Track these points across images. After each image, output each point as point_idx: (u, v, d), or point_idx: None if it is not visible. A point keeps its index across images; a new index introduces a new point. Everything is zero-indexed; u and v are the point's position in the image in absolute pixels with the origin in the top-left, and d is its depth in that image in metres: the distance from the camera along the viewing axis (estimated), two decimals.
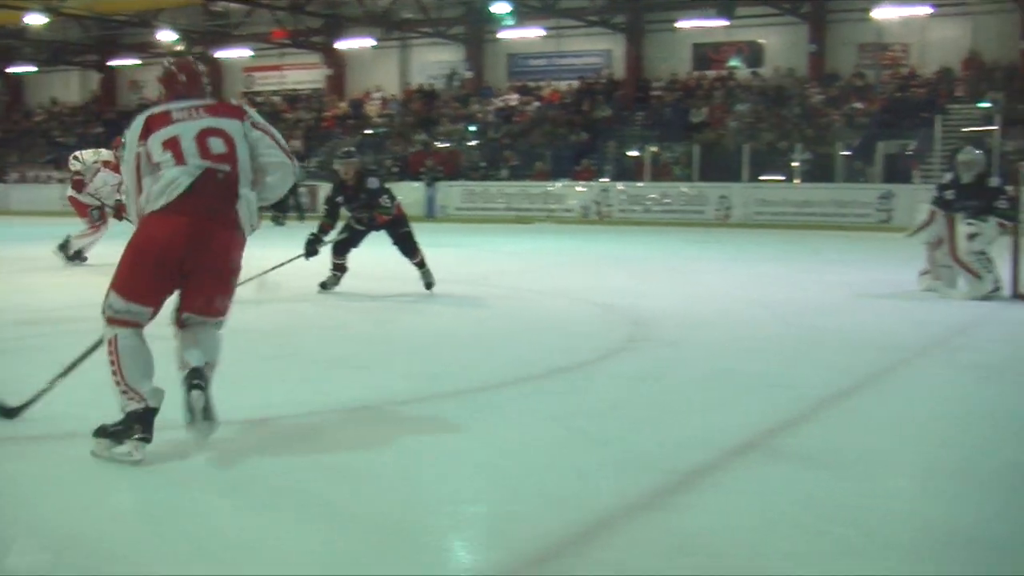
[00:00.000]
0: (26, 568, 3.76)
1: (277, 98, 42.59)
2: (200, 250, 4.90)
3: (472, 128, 36.10)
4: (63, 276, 13.43)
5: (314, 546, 3.86)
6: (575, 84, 36.95)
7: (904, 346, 8.35)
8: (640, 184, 29.64)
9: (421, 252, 11.56)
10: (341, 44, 40.27)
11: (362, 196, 11.24)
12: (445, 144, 35.18)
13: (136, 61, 44.57)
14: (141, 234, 4.98)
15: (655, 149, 31.06)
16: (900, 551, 3.84)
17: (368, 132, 36.36)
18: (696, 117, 32.82)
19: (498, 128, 35.59)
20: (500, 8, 33.14)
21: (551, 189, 30.46)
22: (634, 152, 31.87)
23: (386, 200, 11.28)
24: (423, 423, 5.68)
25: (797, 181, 28.19)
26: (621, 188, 29.42)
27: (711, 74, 35.21)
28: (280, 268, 10.44)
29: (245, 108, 5.32)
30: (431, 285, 11.52)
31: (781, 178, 28.51)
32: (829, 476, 4.70)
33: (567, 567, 3.66)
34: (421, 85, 40.18)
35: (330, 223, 11.35)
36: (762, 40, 35.15)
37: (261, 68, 43.96)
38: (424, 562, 3.76)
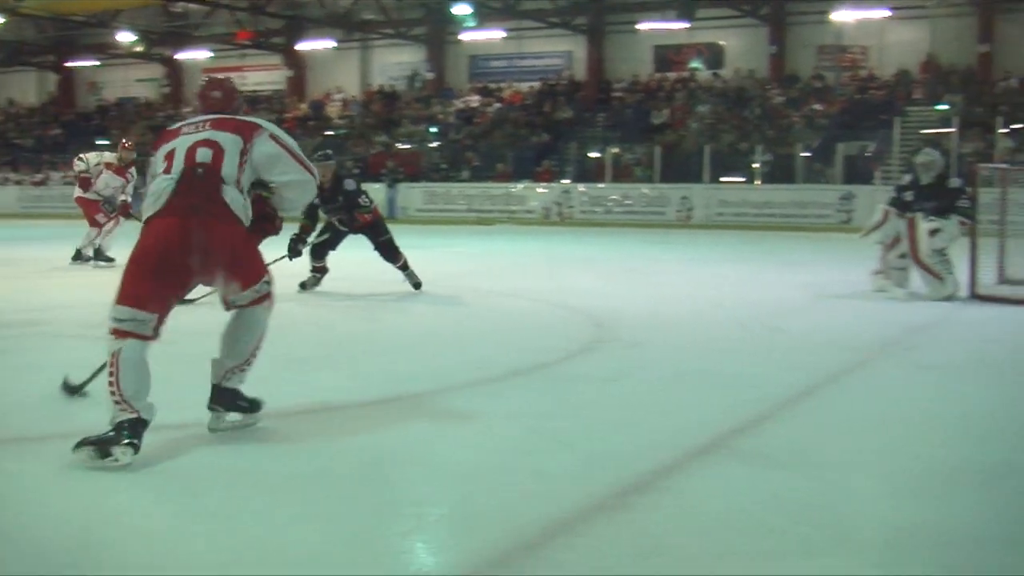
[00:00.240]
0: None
1: None
2: (201, 249, 4.99)
3: (433, 129, 36.07)
4: (33, 279, 13.32)
5: (274, 547, 3.82)
6: (536, 85, 37.02)
7: (864, 346, 8.37)
8: (601, 185, 29.71)
9: (403, 256, 11.61)
10: (302, 45, 40.22)
11: (339, 198, 11.25)
12: (406, 145, 35.14)
13: (95, 62, 44.35)
14: (139, 244, 5.07)
15: (616, 150, 31.14)
16: (863, 550, 3.84)
17: (329, 133, 36.22)
18: (657, 118, 32.93)
19: (459, 129, 35.58)
20: (461, 9, 33.14)
21: (512, 190, 30.48)
22: (595, 153, 31.96)
23: (364, 200, 11.37)
24: (384, 425, 5.63)
25: (758, 182, 28.36)
26: (582, 189, 29.47)
27: (672, 76, 35.38)
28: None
29: (261, 123, 5.31)
30: (419, 285, 11.55)
31: (742, 179, 28.67)
32: (792, 476, 4.70)
33: (531, 568, 3.63)
34: (382, 86, 40.13)
35: (310, 224, 11.33)
36: (722, 42, 35.34)
37: (221, 69, 43.60)
38: (386, 563, 3.72)
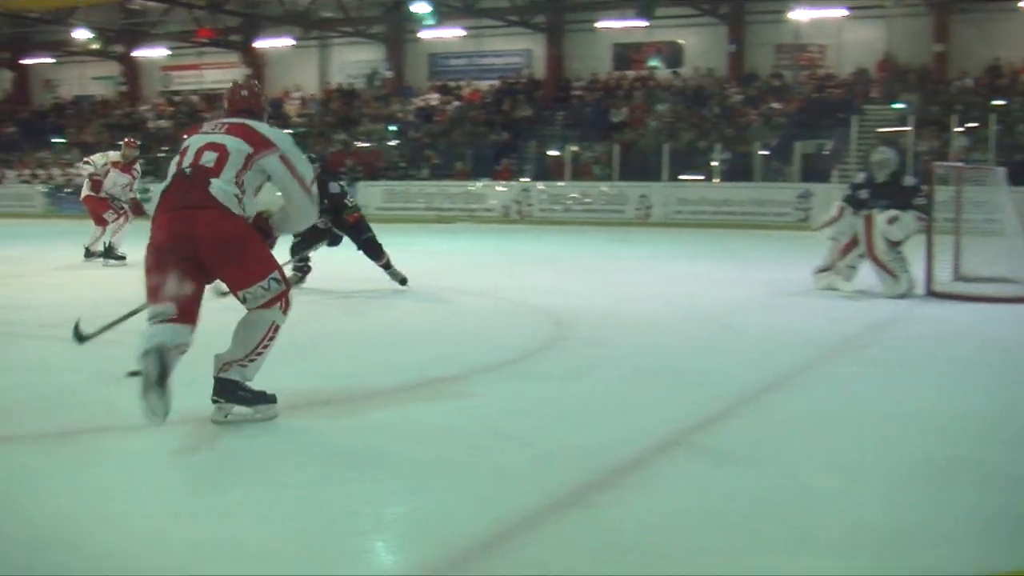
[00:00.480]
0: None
1: (196, 97, 42.17)
2: (193, 240, 5.17)
3: (392, 128, 36.01)
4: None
5: (232, 547, 3.80)
6: (495, 84, 37.02)
7: (821, 344, 8.40)
8: (560, 183, 29.70)
9: (386, 254, 11.62)
10: (260, 43, 40.02)
11: (325, 201, 11.29)
12: (365, 144, 35.05)
13: (50, 59, 43.94)
14: (150, 243, 5.30)
15: (575, 149, 31.15)
16: (821, 546, 3.85)
17: (288, 132, 36.01)
18: (616, 117, 33.00)
19: (418, 128, 35.51)
20: (420, 8, 33.08)
21: (471, 189, 30.45)
22: (554, 152, 31.96)
23: (350, 200, 11.48)
24: (343, 424, 5.62)
25: (716, 180, 28.46)
26: (542, 188, 29.47)
27: (631, 74, 35.47)
28: None
29: (277, 143, 5.54)
30: (404, 281, 11.55)
31: (700, 177, 28.74)
32: (752, 472, 4.72)
33: (491, 567, 3.63)
34: (341, 84, 40.03)
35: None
36: (681, 40, 35.45)
37: (179, 67, 43.50)
38: (346, 563, 3.71)
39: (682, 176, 28.42)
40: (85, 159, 15.39)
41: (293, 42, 39.50)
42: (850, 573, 3.61)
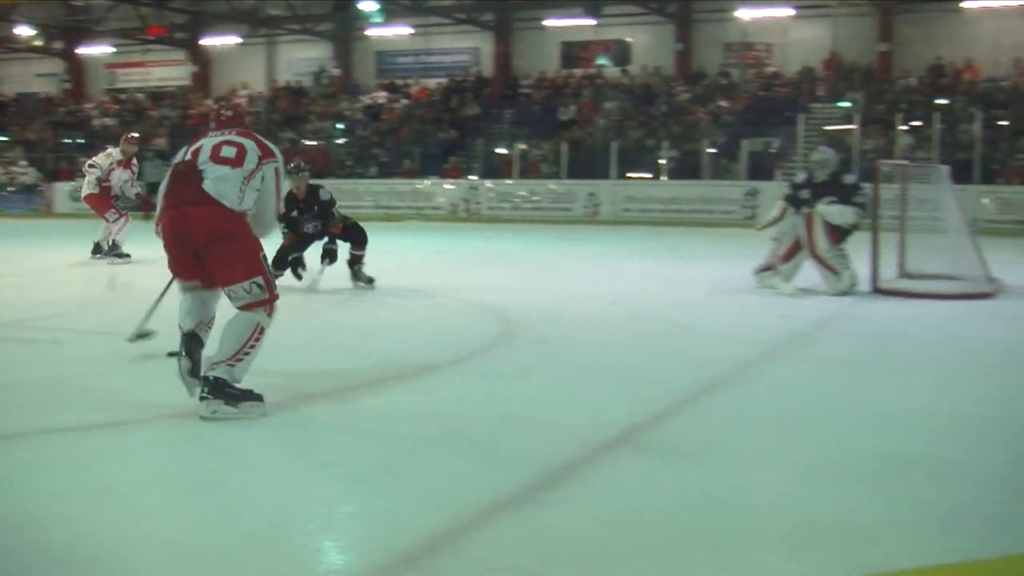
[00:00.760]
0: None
1: (141, 95, 41.80)
2: (189, 235, 5.56)
3: (340, 126, 35.87)
4: None
5: (183, 548, 3.76)
6: (443, 82, 36.98)
7: (767, 341, 8.44)
8: (509, 182, 29.67)
9: (364, 252, 11.63)
10: (206, 41, 39.74)
11: (315, 208, 11.40)
12: (313, 142, 34.86)
13: None
14: (161, 233, 5.77)
15: (523, 147, 31.13)
16: (771, 543, 3.86)
17: None
18: (564, 115, 33.05)
19: (366, 126, 35.40)
20: (368, 6, 32.99)
21: (419, 187, 30.35)
22: (502, 150, 31.93)
23: (336, 210, 11.52)
24: (290, 424, 5.57)
25: (664, 178, 28.54)
26: (490, 186, 29.43)
27: (579, 72, 35.56)
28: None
29: (276, 154, 5.92)
30: (371, 281, 11.54)
31: (648, 175, 28.81)
32: (699, 469, 4.73)
33: (440, 566, 3.60)
34: (288, 82, 39.83)
35: (293, 236, 11.38)
36: (629, 39, 35.57)
37: (124, 65, 43.09)
38: (296, 563, 3.68)
39: (630, 174, 28.48)
40: (89, 163, 15.51)
41: (240, 40, 39.26)
42: (799, 569, 3.62)
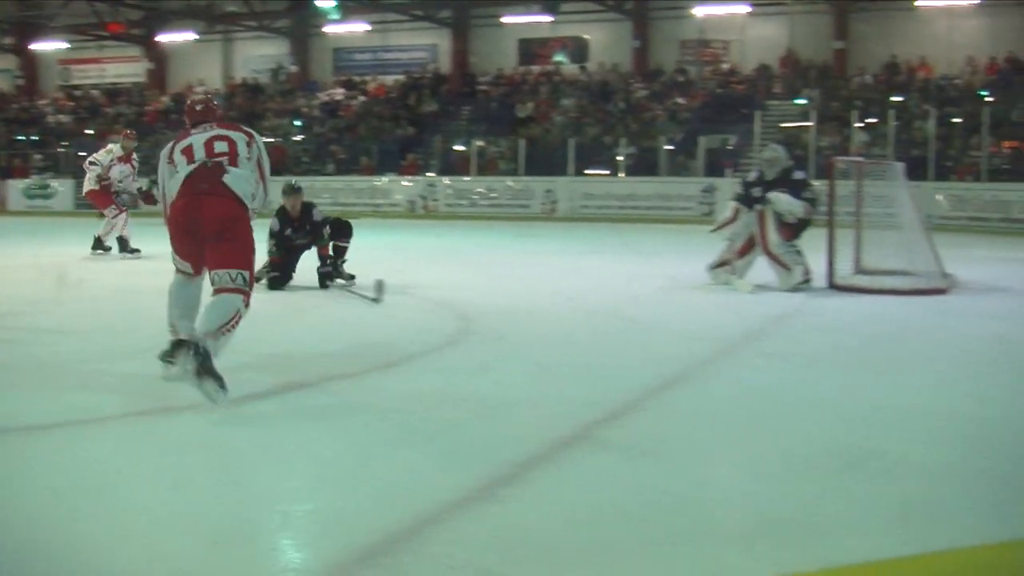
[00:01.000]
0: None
1: (96, 92, 41.45)
2: (200, 220, 6.12)
3: (297, 123, 35.75)
4: None
5: (141, 549, 3.74)
6: (401, 79, 36.91)
7: (724, 337, 8.48)
8: (466, 178, 29.67)
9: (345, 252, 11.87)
10: (162, 37, 39.46)
11: (308, 227, 11.49)
12: (270, 139, 34.68)
13: None
14: (170, 218, 6.31)
15: (481, 143, 31.13)
16: (727, 537, 3.88)
17: None
18: (522, 112, 33.07)
19: (323, 123, 35.29)
20: (325, 2, 32.86)
21: (377, 184, 30.30)
22: (460, 146, 31.93)
23: (326, 231, 11.58)
24: (247, 422, 5.55)
25: (622, 175, 28.61)
26: (447, 182, 29.41)
27: (536, 69, 35.59)
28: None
29: (254, 133, 6.71)
30: (352, 278, 11.64)
31: (606, 172, 28.87)
32: (658, 465, 4.74)
33: (399, 563, 3.60)
34: (245, 79, 39.63)
35: (279, 256, 11.42)
36: (587, 36, 35.66)
37: (79, 61, 42.71)
38: (256, 562, 3.67)
39: (587, 171, 28.54)
40: (90, 160, 15.63)
41: (196, 36, 39.05)
42: (756, 563, 3.64)
